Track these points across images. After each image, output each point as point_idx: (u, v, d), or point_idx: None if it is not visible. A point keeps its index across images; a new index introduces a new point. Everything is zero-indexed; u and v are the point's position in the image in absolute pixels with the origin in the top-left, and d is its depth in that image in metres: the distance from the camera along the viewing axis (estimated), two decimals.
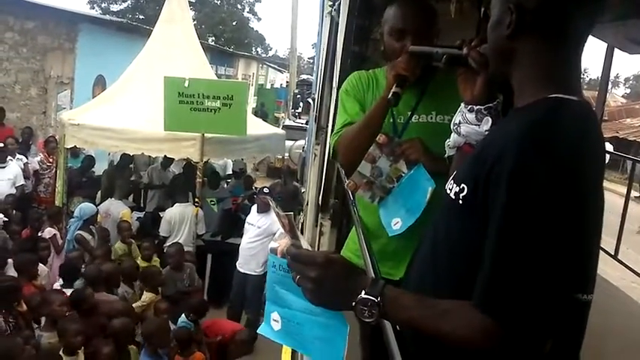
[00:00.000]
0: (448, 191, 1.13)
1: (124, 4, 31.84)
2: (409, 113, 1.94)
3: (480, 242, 1.00)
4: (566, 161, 0.94)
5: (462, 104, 1.38)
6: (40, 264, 5.03)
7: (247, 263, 5.90)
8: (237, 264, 5.95)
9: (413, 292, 1.15)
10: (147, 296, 4.93)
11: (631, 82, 56.46)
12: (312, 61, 32.43)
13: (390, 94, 1.73)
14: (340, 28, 2.70)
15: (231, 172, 9.40)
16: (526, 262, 0.93)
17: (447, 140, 1.45)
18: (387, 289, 1.04)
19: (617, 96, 38.71)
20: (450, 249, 1.14)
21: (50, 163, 7.84)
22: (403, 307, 1.03)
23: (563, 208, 0.93)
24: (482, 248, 0.99)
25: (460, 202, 1.08)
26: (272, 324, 1.20)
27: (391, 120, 1.93)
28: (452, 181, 1.13)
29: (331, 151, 2.07)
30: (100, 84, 11.15)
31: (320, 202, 2.89)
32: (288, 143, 10.11)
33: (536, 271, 0.93)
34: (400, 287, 1.19)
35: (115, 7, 31.30)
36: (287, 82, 26.73)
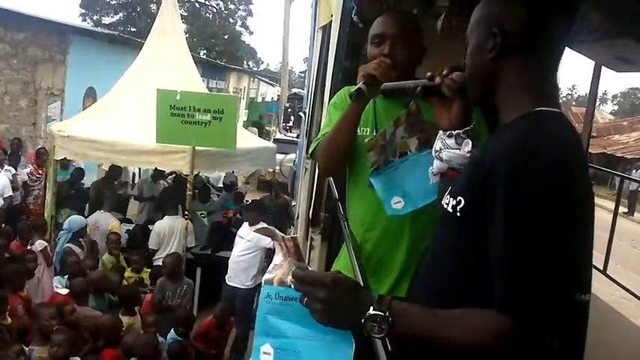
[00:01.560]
0: (445, 205, 1.18)
1: (116, 17, 31.95)
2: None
3: (479, 251, 1.05)
4: (556, 164, 1.00)
5: (440, 132, 1.42)
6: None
7: (237, 276, 5.86)
8: (226, 277, 5.91)
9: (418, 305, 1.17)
10: (124, 320, 4.68)
11: (618, 99, 57.23)
12: (303, 75, 32.60)
13: (354, 89, 1.75)
14: (332, 43, 2.72)
15: (222, 185, 9.38)
16: (533, 261, 0.98)
17: (431, 168, 1.48)
18: (395, 303, 1.06)
19: (605, 113, 39.16)
20: (451, 261, 1.18)
21: (40, 174, 7.80)
22: (412, 320, 1.06)
23: (558, 208, 0.98)
24: (481, 256, 1.04)
25: (458, 214, 1.12)
26: (262, 357, 1.18)
27: (374, 133, 1.92)
28: (448, 196, 1.18)
29: (309, 157, 2.08)
30: (90, 96, 11.11)
31: (310, 216, 2.89)
32: (279, 157, 10.12)
33: (544, 269, 0.97)
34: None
35: (106, 20, 31.42)
36: (278, 95, 26.83)
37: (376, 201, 1.87)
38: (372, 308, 1.05)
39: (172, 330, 4.69)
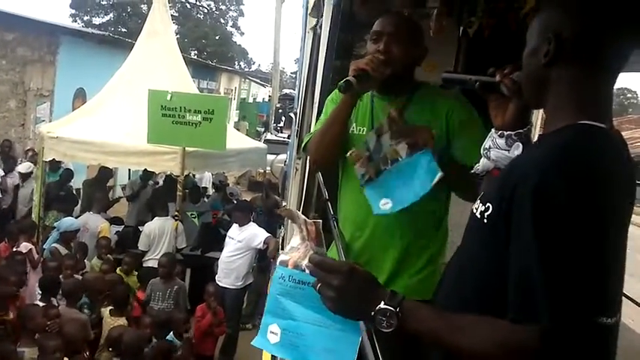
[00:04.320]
0: (475, 211, 1.16)
1: (106, 18, 31.79)
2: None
3: (500, 261, 1.03)
4: (586, 183, 0.97)
5: (493, 129, 1.41)
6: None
7: (227, 277, 5.84)
8: (216, 278, 5.89)
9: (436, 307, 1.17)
10: (115, 322, 4.72)
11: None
12: (294, 75, 32.56)
13: (343, 80, 1.75)
14: (322, 44, 2.72)
15: (206, 186, 9.36)
16: (554, 278, 0.95)
17: (477, 165, 1.46)
18: (406, 301, 1.07)
19: None
20: (474, 267, 1.17)
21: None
22: (421, 319, 1.06)
23: (582, 227, 0.95)
24: (501, 268, 1.02)
25: (485, 220, 1.11)
26: (269, 336, 1.20)
27: (370, 131, 1.93)
28: (479, 201, 1.16)
29: (302, 150, 2.09)
30: (80, 97, 11.03)
31: None
32: (270, 157, 10.10)
33: (563, 288, 0.94)
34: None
35: (97, 20, 31.26)
36: (269, 96, 26.76)
37: (367, 201, 1.88)
38: (383, 302, 1.05)
39: (172, 332, 4.67)
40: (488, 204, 1.11)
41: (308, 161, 2.03)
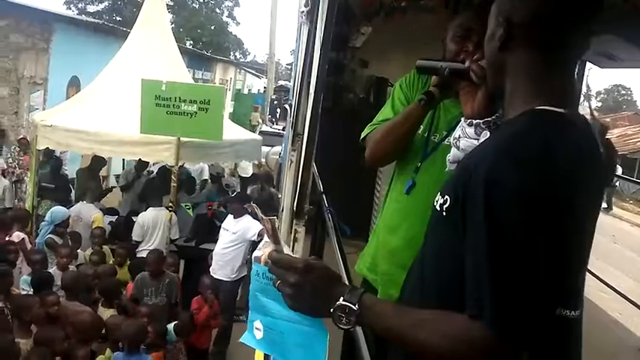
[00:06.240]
0: (435, 203, 1.13)
1: (101, 5, 31.50)
2: (445, 133, 1.84)
3: (462, 253, 1.00)
4: (539, 171, 0.94)
5: (462, 119, 1.38)
6: None
7: (221, 269, 5.83)
8: (210, 269, 5.88)
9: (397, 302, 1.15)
10: (108, 313, 4.70)
11: (602, 95, 57.84)
12: (290, 67, 32.42)
13: (424, 92, 1.67)
14: (318, 35, 2.70)
15: (207, 178, 9.31)
16: (507, 270, 0.92)
17: (448, 155, 1.43)
18: (366, 296, 1.04)
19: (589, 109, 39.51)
20: (435, 260, 1.14)
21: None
22: (380, 315, 1.03)
23: (535, 217, 0.93)
24: (460, 262, 0.99)
25: (444, 213, 1.08)
26: (255, 332, 1.20)
27: (426, 134, 1.86)
28: (439, 194, 1.13)
29: (360, 140, 2.00)
30: (74, 85, 10.96)
31: (295, 209, 2.88)
32: (265, 149, 10.07)
33: (516, 280, 0.92)
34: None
35: (91, 8, 30.96)
36: (265, 87, 26.65)
37: (405, 208, 1.86)
38: (342, 299, 1.03)
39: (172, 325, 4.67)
40: (446, 196, 1.08)
41: (366, 155, 1.95)
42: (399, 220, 1.90)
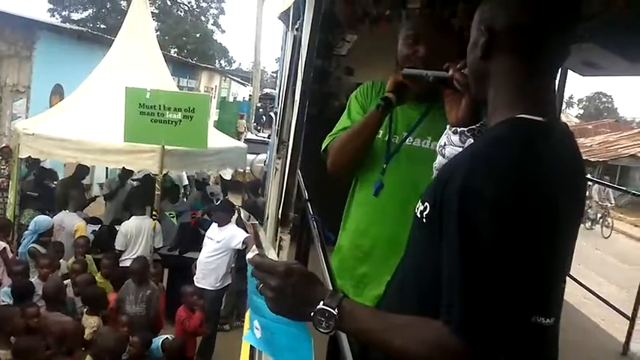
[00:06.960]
0: (416, 210, 1.14)
1: (85, 13, 31.36)
2: (405, 134, 1.91)
3: (439, 259, 1.00)
4: (515, 179, 0.95)
5: (448, 126, 1.40)
6: None
7: (205, 278, 5.79)
8: (194, 278, 5.84)
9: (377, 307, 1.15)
10: (93, 320, 4.66)
11: (584, 103, 58.66)
12: (275, 75, 32.49)
13: (382, 97, 1.73)
14: (303, 43, 2.71)
15: (187, 184, 9.26)
16: (480, 278, 0.93)
17: (434, 162, 1.45)
18: (345, 301, 1.05)
19: (571, 116, 40.08)
20: (415, 267, 1.15)
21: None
22: (359, 320, 1.03)
23: (509, 227, 0.93)
24: (439, 270, 1.00)
25: (424, 220, 1.09)
26: (255, 332, 1.21)
27: (386, 138, 1.92)
28: (419, 201, 1.14)
29: (322, 151, 2.04)
30: (57, 93, 10.86)
31: (280, 216, 2.87)
32: (250, 157, 10.06)
33: (487, 288, 0.92)
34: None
35: (75, 16, 30.82)
36: (250, 95, 26.66)
37: (375, 210, 1.88)
38: (321, 303, 1.03)
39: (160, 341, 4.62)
40: (426, 203, 1.09)
41: (328, 164, 1.99)
42: (369, 222, 1.93)
